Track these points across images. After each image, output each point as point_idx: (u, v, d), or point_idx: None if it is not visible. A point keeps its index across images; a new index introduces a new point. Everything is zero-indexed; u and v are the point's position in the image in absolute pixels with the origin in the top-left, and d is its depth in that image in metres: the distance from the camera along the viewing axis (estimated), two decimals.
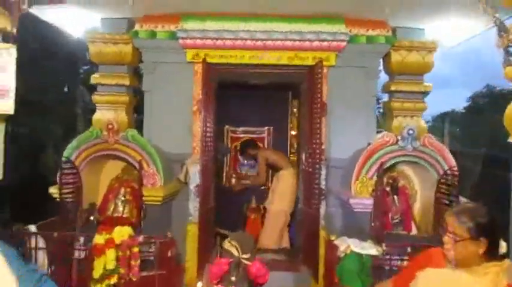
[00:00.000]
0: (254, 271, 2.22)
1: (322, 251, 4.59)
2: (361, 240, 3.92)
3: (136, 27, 4.89)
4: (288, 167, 5.68)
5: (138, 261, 3.75)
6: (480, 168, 8.53)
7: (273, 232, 5.50)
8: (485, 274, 1.85)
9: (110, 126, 4.55)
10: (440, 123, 14.55)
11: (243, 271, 2.24)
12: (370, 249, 3.64)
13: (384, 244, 3.73)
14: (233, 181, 5.83)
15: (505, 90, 18.24)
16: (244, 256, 2.26)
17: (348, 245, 3.68)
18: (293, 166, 5.84)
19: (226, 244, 2.29)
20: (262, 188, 6.13)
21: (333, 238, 4.04)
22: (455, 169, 4.44)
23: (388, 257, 3.63)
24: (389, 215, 4.60)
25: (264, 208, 5.71)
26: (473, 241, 1.90)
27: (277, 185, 5.59)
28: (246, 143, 6.04)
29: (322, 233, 4.64)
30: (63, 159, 4.46)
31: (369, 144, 4.66)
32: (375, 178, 4.45)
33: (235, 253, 2.27)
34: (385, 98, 5.41)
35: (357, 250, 3.63)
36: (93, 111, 5.13)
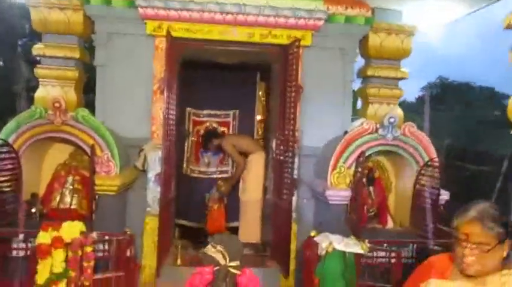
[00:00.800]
0: (245, 282, 1.94)
1: (293, 246, 4.47)
2: (335, 234, 3.67)
3: None
4: (258, 150, 5.40)
5: (92, 262, 3.36)
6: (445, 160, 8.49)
7: (255, 224, 5.22)
8: (503, 284, 1.63)
9: (57, 104, 4.09)
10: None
11: (231, 281, 1.95)
12: (354, 246, 3.39)
13: (366, 240, 3.54)
14: (222, 186, 5.36)
15: (456, 82, 19.20)
16: (232, 263, 1.98)
17: (330, 242, 3.42)
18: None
19: (210, 250, 1.98)
20: (223, 176, 5.83)
21: (312, 233, 3.80)
22: (437, 160, 4.29)
23: (373, 255, 3.52)
24: (365, 208, 4.48)
25: (222, 198, 5.43)
26: (500, 245, 1.65)
27: (248, 171, 5.31)
28: (208, 133, 5.73)
29: (294, 227, 4.49)
30: None
31: (346, 132, 4.49)
32: (352, 167, 4.28)
33: (222, 260, 1.97)
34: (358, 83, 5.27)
35: (340, 247, 3.39)
36: (35, 88, 4.63)
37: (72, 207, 4.37)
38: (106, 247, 3.69)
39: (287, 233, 4.36)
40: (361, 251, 3.49)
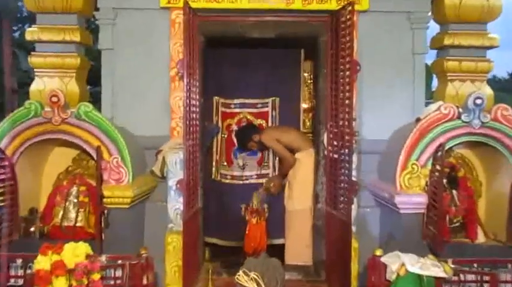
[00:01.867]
0: None
1: (354, 268, 4.32)
2: (408, 253, 3.50)
3: None
4: (306, 147, 5.26)
5: None
6: None
7: (304, 241, 5.12)
8: None
9: (54, 99, 4.10)
10: None
11: None
12: (433, 268, 3.20)
13: (450, 260, 3.35)
14: (270, 183, 5.30)
15: None
16: None
17: (402, 263, 3.27)
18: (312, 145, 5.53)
19: (242, 278, 2.04)
20: (263, 181, 5.71)
21: (378, 252, 3.64)
22: None
23: (459, 278, 3.31)
24: (447, 218, 4.23)
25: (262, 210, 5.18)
26: None
27: (295, 174, 5.20)
28: (243, 129, 5.61)
29: (354, 243, 4.30)
30: None
31: (418, 119, 4.31)
32: (429, 166, 4.07)
33: None
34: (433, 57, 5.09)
35: (415, 269, 3.22)
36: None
37: (78, 224, 4.33)
38: (118, 273, 3.62)
39: (346, 252, 4.20)
40: (444, 275, 3.30)
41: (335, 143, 4.51)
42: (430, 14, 4.82)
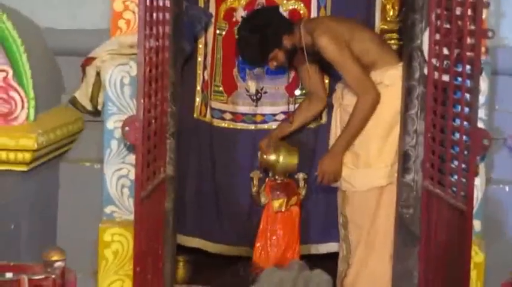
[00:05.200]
0: None
1: None
2: None
3: None
4: (391, 61, 4.64)
5: None
6: None
7: (382, 251, 4.74)
8: None
9: None
10: None
11: None
12: None
13: None
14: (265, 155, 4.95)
15: None
16: None
17: None
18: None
19: None
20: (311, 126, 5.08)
21: None
22: None
23: None
24: None
25: (305, 180, 4.83)
26: None
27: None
28: (262, 24, 4.91)
29: (476, 250, 4.19)
30: None
31: None
32: None
33: None
34: None
35: None
36: None
37: None
38: None
39: (459, 270, 3.78)
40: None
41: (446, 51, 4.03)
42: None
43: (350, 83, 4.75)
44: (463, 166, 3.94)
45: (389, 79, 4.72)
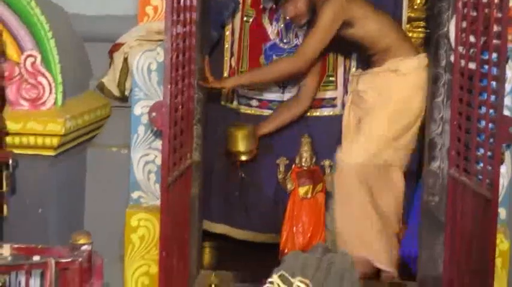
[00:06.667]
0: None
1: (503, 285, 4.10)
2: None
3: None
4: (409, 53, 4.74)
5: None
6: None
7: (388, 234, 4.88)
8: None
9: None
10: None
11: None
12: None
13: None
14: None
15: None
16: None
17: None
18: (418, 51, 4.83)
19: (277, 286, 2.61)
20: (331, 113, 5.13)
21: None
22: None
23: None
24: None
25: (331, 167, 4.91)
26: None
27: (383, 103, 4.74)
28: None
29: (502, 241, 4.19)
30: None
31: None
32: None
33: None
34: None
35: None
36: None
37: None
38: (34, 279, 3.21)
39: (486, 254, 3.85)
40: None
41: (472, 39, 4.03)
42: None
43: (303, 42, 4.97)
44: (489, 153, 3.96)
45: (406, 68, 4.89)
